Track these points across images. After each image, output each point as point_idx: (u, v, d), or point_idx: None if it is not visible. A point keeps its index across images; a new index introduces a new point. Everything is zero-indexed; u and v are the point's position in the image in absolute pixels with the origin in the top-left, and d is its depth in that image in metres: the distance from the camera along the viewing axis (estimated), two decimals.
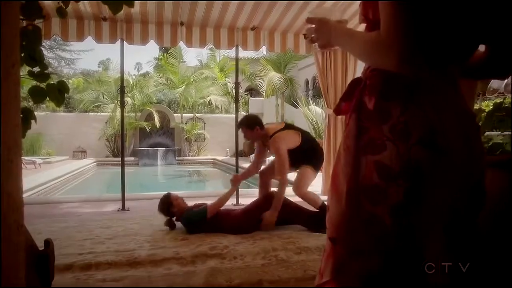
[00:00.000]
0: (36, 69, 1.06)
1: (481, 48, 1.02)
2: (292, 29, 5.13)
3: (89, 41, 4.72)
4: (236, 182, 4.08)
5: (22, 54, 0.98)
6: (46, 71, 1.03)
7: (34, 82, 1.15)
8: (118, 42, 4.73)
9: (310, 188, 4.11)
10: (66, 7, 1.36)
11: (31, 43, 0.88)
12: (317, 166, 3.95)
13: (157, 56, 21.94)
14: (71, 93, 16.70)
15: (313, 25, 1.08)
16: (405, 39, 0.80)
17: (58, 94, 1.05)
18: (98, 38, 4.66)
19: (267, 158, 6.19)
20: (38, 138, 14.44)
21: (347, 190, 0.94)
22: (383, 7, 0.84)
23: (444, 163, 0.85)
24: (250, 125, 3.76)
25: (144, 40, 4.78)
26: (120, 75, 5.35)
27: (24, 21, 1.09)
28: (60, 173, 9.78)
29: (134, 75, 22.09)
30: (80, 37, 4.61)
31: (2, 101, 0.56)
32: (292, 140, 3.79)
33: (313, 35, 1.08)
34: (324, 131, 5.99)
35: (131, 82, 16.23)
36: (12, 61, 0.53)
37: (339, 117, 5.52)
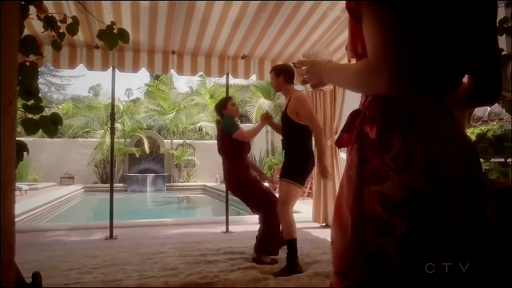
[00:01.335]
0: (31, 102, 1.08)
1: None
2: (282, 57, 5.23)
3: (81, 67, 4.76)
4: (266, 120, 3.87)
5: (18, 88, 0.99)
6: (40, 104, 1.04)
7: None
8: (110, 69, 4.78)
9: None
10: (62, 40, 1.39)
11: (28, 78, 0.90)
12: (304, 180, 3.57)
13: (148, 83, 22.02)
14: None
15: (305, 67, 1.12)
16: (392, 62, 0.83)
17: (52, 125, 1.06)
18: (90, 66, 4.69)
19: None
20: (26, 164, 14.23)
21: (351, 222, 0.94)
22: (368, 33, 0.88)
23: (447, 193, 0.86)
24: (277, 72, 3.61)
25: (135, 68, 4.83)
26: (110, 101, 5.36)
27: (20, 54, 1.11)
28: (47, 199, 9.60)
29: (124, 101, 22.13)
30: (72, 64, 4.64)
31: None
32: (311, 111, 3.52)
33: (305, 76, 1.12)
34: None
35: (122, 108, 16.24)
36: (9, 98, 0.55)
37: (328, 144, 5.57)
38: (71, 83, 24.38)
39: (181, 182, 16.01)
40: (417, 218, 0.86)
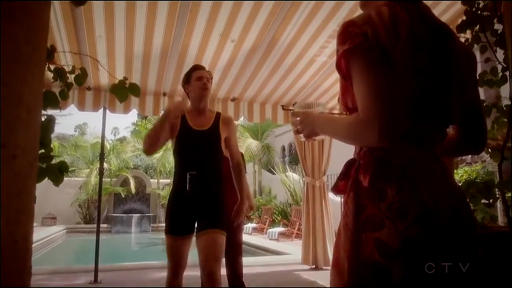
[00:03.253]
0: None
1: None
2: (270, 100, 5.36)
3: (69, 106, 4.77)
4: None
5: None
6: (51, 154, 1.07)
7: None
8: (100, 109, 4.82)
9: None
10: (69, 90, 1.44)
11: (43, 131, 0.93)
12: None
13: (136, 122, 22.10)
14: None
15: (298, 118, 1.18)
16: (381, 117, 0.88)
17: (58, 173, 1.08)
18: (81, 106, 4.73)
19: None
20: None
21: (348, 267, 0.96)
22: (357, 90, 0.94)
23: (441, 240, 0.90)
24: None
25: (126, 109, 4.88)
26: (97, 140, 5.36)
27: None
28: None
29: (111, 139, 22.03)
30: (63, 105, 4.65)
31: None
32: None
33: (298, 127, 1.18)
34: (302, 198, 6.04)
35: (108, 147, 16.14)
36: (34, 155, 0.58)
37: (317, 185, 5.62)
38: (58, 121, 24.10)
39: None
40: (413, 264, 0.89)
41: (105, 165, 14.97)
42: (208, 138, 2.47)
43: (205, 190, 2.41)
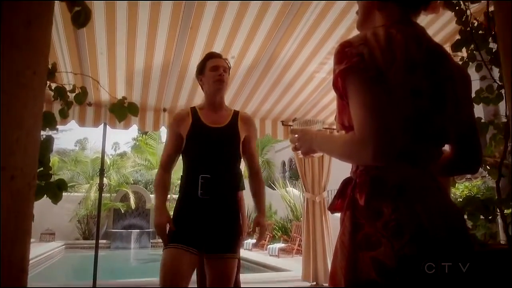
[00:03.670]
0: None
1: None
2: (270, 115, 5.39)
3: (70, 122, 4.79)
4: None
5: None
6: (49, 173, 1.08)
7: None
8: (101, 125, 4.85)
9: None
10: (69, 109, 1.46)
11: (42, 150, 0.94)
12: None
13: (136, 137, 22.17)
14: None
15: (296, 135, 1.20)
16: (377, 136, 0.90)
17: (57, 191, 1.09)
18: (82, 122, 4.75)
19: None
20: None
21: (346, 286, 0.97)
22: (353, 109, 0.95)
23: (437, 259, 0.91)
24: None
25: (127, 125, 4.90)
26: (97, 155, 5.37)
27: None
28: None
29: (111, 155, 22.05)
30: (64, 121, 4.69)
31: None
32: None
33: (296, 143, 1.20)
34: (303, 214, 6.02)
35: (108, 162, 16.13)
36: (32, 175, 0.58)
37: (317, 200, 5.61)
38: (58, 136, 24.27)
39: None
40: (410, 283, 0.89)
41: (105, 180, 14.92)
42: (225, 136, 2.12)
43: (220, 198, 2.04)
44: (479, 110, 1.76)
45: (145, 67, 4.03)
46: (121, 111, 1.53)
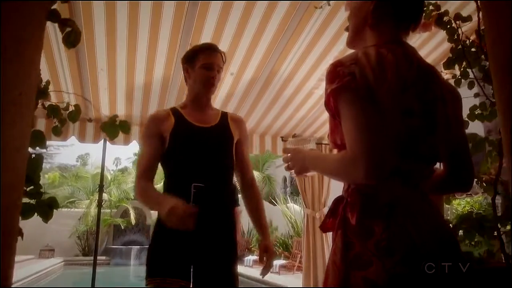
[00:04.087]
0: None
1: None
2: (270, 131, 5.40)
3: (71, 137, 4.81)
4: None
5: None
6: (40, 191, 1.08)
7: None
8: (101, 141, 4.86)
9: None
10: (62, 126, 1.47)
11: (32, 168, 0.94)
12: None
13: (137, 152, 22.20)
14: (46, 188, 16.35)
15: (289, 154, 1.21)
16: (369, 155, 0.90)
17: (48, 209, 1.09)
18: (82, 138, 4.76)
19: None
20: None
21: None
22: (345, 128, 0.96)
23: (430, 278, 0.90)
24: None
25: (126, 141, 4.91)
26: (98, 171, 5.37)
27: None
28: (24, 274, 9.14)
29: (112, 170, 22.04)
30: (64, 137, 4.70)
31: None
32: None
33: (289, 163, 1.20)
34: (303, 230, 5.98)
35: (109, 178, 16.13)
36: (18, 194, 0.59)
37: (318, 216, 5.57)
38: (59, 151, 24.32)
39: None
40: None
41: (106, 196, 14.91)
42: (217, 136, 1.81)
43: (217, 212, 1.70)
44: (479, 127, 1.76)
45: (145, 82, 4.06)
46: (112, 129, 1.53)
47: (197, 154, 1.73)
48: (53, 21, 0.74)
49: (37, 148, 1.18)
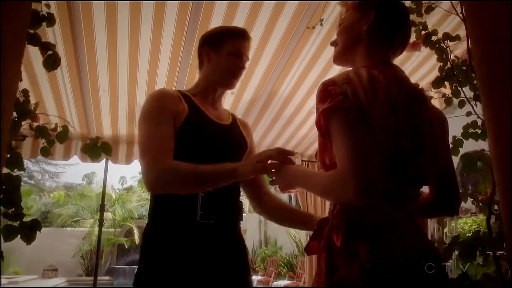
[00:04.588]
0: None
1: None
2: (274, 147, 5.39)
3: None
4: None
5: (1, 197, 1.04)
6: (22, 212, 1.08)
7: None
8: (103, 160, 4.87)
9: None
10: (50, 147, 1.48)
11: (11, 190, 0.94)
12: None
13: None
14: (51, 207, 16.37)
15: (274, 169, 1.18)
16: (359, 175, 0.89)
17: (29, 232, 1.08)
18: (84, 158, 4.77)
19: None
20: (7, 256, 13.61)
21: None
22: (336, 148, 0.96)
23: None
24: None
25: (128, 160, 4.93)
26: (102, 190, 5.37)
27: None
28: None
29: (118, 189, 22.01)
30: (66, 156, 4.74)
31: None
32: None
33: (274, 178, 1.18)
34: None
35: (114, 197, 16.12)
36: None
37: None
38: (65, 170, 24.41)
39: None
40: None
41: (110, 215, 14.87)
42: (236, 137, 1.57)
43: (228, 223, 1.46)
44: (476, 146, 1.75)
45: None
46: (94, 151, 1.54)
47: (215, 154, 1.40)
48: (34, 44, 0.75)
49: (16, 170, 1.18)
